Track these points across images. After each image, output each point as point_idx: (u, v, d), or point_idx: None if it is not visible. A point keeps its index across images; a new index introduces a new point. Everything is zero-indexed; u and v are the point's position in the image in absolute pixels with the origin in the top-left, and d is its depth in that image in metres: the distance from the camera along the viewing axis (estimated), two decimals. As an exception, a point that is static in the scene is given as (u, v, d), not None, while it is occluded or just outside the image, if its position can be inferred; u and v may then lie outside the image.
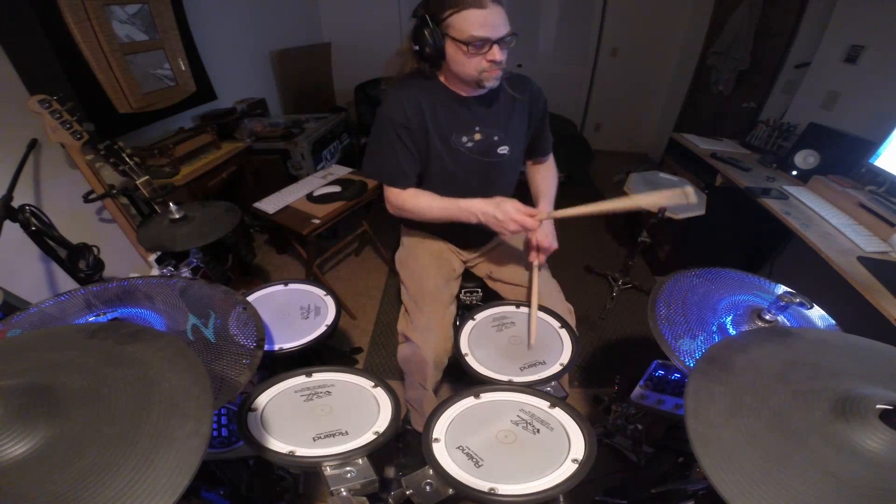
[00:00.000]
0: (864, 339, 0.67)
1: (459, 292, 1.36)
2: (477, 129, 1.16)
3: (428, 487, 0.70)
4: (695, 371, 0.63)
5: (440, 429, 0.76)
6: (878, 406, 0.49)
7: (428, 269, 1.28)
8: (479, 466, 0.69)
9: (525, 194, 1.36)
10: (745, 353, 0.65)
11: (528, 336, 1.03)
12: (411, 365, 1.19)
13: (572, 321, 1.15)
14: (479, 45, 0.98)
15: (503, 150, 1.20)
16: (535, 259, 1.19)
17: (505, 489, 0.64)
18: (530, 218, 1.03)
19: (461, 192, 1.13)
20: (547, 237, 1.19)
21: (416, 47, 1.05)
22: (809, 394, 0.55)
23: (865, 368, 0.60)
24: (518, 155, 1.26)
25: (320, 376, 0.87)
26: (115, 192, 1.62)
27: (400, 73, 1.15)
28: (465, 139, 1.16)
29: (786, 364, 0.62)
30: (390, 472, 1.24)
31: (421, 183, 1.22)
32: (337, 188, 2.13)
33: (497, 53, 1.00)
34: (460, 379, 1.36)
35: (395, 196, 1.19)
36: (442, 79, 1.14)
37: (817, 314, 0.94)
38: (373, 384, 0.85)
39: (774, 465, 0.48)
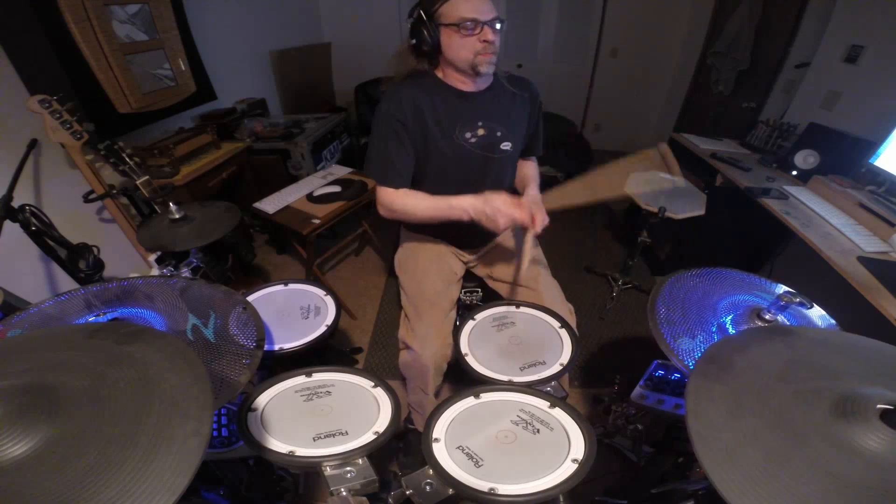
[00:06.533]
0: (864, 338, 0.67)
1: (460, 295, 1.35)
2: (480, 123, 1.16)
3: (428, 487, 0.70)
4: (695, 371, 0.63)
5: (440, 429, 0.76)
6: (878, 406, 0.49)
7: (428, 272, 1.27)
8: (479, 466, 0.69)
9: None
10: (746, 353, 0.65)
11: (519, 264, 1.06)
12: (412, 371, 1.20)
13: (573, 321, 1.15)
14: (470, 25, 1.02)
15: (506, 146, 1.20)
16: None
17: (505, 489, 0.64)
18: (520, 210, 1.02)
19: (457, 189, 1.12)
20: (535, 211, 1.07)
21: (414, 41, 1.09)
22: (810, 394, 0.55)
23: (866, 368, 0.60)
24: (517, 152, 1.26)
25: (320, 376, 0.87)
26: (115, 192, 1.62)
27: (399, 74, 1.16)
28: (468, 134, 1.16)
29: (786, 363, 0.61)
30: (394, 468, 1.24)
31: (417, 181, 1.21)
32: (337, 188, 2.13)
33: (489, 34, 1.04)
34: (460, 379, 1.36)
35: (386, 196, 1.16)
36: (440, 75, 1.15)
37: (817, 314, 0.94)
38: (373, 384, 0.85)
39: (775, 464, 0.48)
